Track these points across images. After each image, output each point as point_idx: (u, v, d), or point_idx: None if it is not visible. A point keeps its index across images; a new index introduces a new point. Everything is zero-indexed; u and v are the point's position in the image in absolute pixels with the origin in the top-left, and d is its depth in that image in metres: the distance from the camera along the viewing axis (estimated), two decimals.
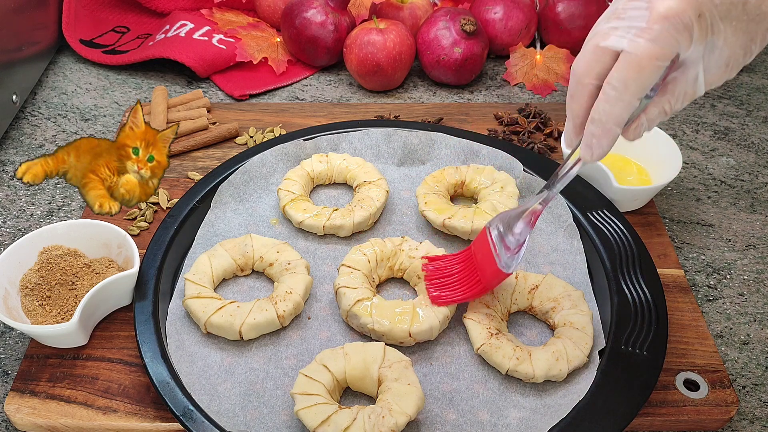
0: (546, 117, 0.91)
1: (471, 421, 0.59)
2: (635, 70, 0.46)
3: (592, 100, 0.50)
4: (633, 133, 0.51)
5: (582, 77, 0.50)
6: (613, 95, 0.48)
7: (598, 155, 0.51)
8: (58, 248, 0.67)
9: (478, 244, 0.64)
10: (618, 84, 0.47)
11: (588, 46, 0.49)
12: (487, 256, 0.62)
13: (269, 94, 1.00)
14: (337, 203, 0.79)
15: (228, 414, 0.59)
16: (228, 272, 0.69)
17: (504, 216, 0.62)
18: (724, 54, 0.47)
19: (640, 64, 0.46)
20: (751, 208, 0.82)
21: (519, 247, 0.61)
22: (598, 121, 0.49)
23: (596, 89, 0.50)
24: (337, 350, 0.60)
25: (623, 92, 0.47)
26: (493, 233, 0.62)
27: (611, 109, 0.48)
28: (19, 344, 0.67)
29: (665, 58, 0.46)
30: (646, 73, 0.46)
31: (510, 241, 0.61)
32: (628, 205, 0.77)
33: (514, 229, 0.61)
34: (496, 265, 0.61)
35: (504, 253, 0.61)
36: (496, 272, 0.61)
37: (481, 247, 0.63)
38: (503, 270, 0.61)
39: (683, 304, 0.69)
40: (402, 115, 0.92)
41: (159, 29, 1.06)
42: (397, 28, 0.96)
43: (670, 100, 0.49)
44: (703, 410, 0.60)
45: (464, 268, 0.65)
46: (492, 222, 0.63)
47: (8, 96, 0.89)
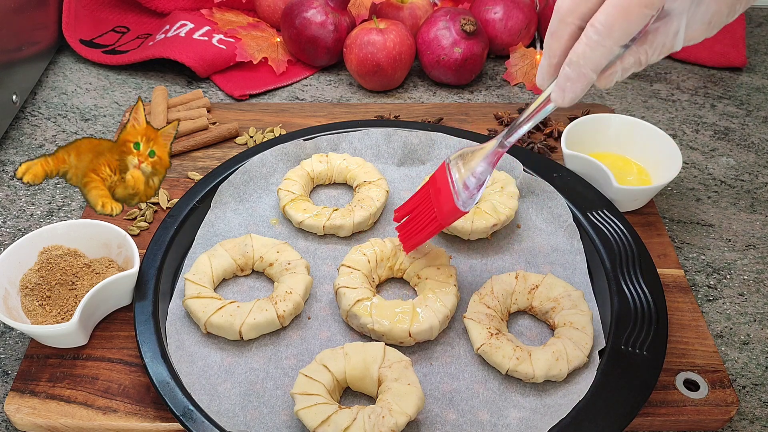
0: (546, 117, 0.91)
1: (471, 421, 0.59)
2: (622, 16, 0.45)
3: (572, 40, 0.49)
4: (605, 81, 0.50)
5: (565, 15, 0.48)
6: (595, 39, 0.46)
7: (570, 99, 0.50)
8: (58, 248, 0.67)
9: (436, 179, 0.63)
10: (602, 28, 0.46)
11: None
12: (446, 192, 0.61)
13: (269, 94, 1.00)
14: (337, 203, 0.79)
15: (228, 414, 0.59)
16: (228, 272, 0.69)
17: (464, 154, 0.61)
18: (710, 9, 0.46)
19: (628, 9, 0.45)
20: (751, 208, 0.82)
21: (479, 187, 0.60)
22: (575, 64, 0.48)
23: (578, 29, 0.48)
24: (337, 350, 0.60)
25: (606, 37, 0.46)
26: (452, 169, 0.61)
27: (591, 54, 0.47)
28: (19, 344, 0.67)
29: (653, 6, 0.45)
30: (632, 20, 0.45)
31: (470, 181, 0.60)
32: (628, 205, 0.77)
33: (475, 169, 0.60)
34: (453, 202, 0.60)
35: (463, 191, 0.60)
36: (453, 210, 0.61)
37: (439, 182, 0.62)
38: (461, 209, 0.60)
39: (683, 304, 0.69)
40: (402, 115, 0.92)
41: (159, 29, 1.06)
42: (397, 28, 0.96)
43: (647, 50, 0.49)
44: (703, 410, 0.60)
45: (422, 206, 0.64)
46: (452, 158, 0.62)
47: (8, 96, 0.89)
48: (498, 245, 0.74)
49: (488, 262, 0.72)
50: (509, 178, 0.76)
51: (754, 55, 1.09)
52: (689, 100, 0.99)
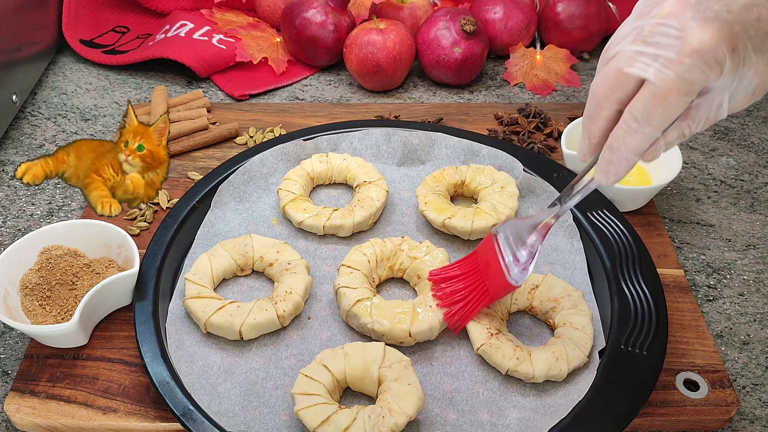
0: (546, 117, 0.91)
1: (471, 421, 0.59)
2: (660, 104, 0.44)
3: (610, 123, 0.48)
4: (650, 155, 0.49)
5: (601, 101, 0.48)
6: (634, 126, 0.46)
7: (613, 180, 0.50)
8: (58, 248, 0.67)
9: (485, 251, 0.62)
10: (640, 116, 0.45)
11: (610, 68, 0.46)
12: (495, 267, 0.60)
13: (269, 94, 1.00)
14: (337, 203, 0.79)
15: (228, 414, 0.59)
16: (228, 272, 0.69)
17: (513, 225, 0.60)
18: (753, 83, 0.45)
19: (666, 97, 0.43)
20: (751, 208, 0.82)
21: (530, 259, 0.59)
22: (616, 150, 0.48)
23: (616, 113, 0.48)
24: (337, 350, 0.60)
25: (645, 124, 0.45)
26: (500, 241, 0.60)
27: (631, 140, 0.46)
28: (19, 344, 0.67)
29: (692, 93, 0.44)
30: (671, 107, 0.44)
31: (521, 254, 0.59)
32: (628, 205, 0.77)
33: (526, 241, 0.59)
34: (504, 277, 0.59)
35: (513, 265, 0.59)
36: (504, 285, 0.60)
37: (488, 255, 0.61)
38: (513, 284, 0.59)
39: (683, 304, 0.69)
40: (402, 115, 0.92)
41: (159, 29, 1.06)
42: (397, 28, 0.96)
43: (690, 124, 0.47)
44: (703, 410, 0.60)
45: (471, 279, 0.63)
46: (499, 229, 0.61)
47: (8, 96, 0.89)
48: None
49: None
50: (509, 178, 0.76)
51: None
52: None
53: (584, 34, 1.02)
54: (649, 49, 0.44)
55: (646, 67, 0.44)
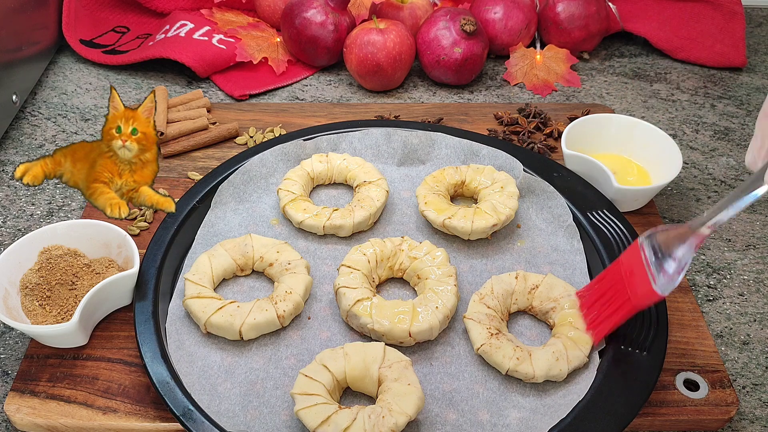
0: (546, 117, 0.91)
1: (471, 421, 0.59)
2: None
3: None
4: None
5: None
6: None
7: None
8: (58, 248, 0.67)
9: (629, 259, 0.60)
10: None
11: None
12: (641, 274, 0.58)
13: (269, 94, 1.00)
14: (337, 203, 0.79)
15: (228, 414, 0.59)
16: (228, 272, 0.69)
17: (662, 233, 0.58)
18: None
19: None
20: (751, 208, 0.82)
21: (679, 271, 0.56)
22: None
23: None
24: (337, 350, 0.60)
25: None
26: (646, 250, 0.58)
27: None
28: (19, 344, 0.67)
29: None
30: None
31: (669, 264, 0.56)
32: (628, 205, 0.77)
33: (675, 253, 0.56)
34: (650, 285, 0.56)
35: (660, 275, 0.56)
36: (650, 293, 0.57)
37: (632, 262, 0.59)
38: (659, 292, 0.56)
39: (683, 304, 0.69)
40: (402, 115, 0.92)
41: (159, 29, 1.06)
42: (397, 28, 0.96)
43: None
44: (703, 410, 0.60)
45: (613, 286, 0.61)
46: (645, 238, 0.59)
47: (8, 96, 0.89)
48: (498, 245, 0.73)
49: (488, 262, 0.72)
50: (509, 178, 0.76)
51: (754, 55, 1.09)
52: (689, 100, 0.99)
53: (584, 34, 1.02)
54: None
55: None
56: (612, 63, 1.07)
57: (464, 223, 0.71)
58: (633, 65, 1.07)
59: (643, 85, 1.02)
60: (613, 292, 0.61)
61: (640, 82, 1.03)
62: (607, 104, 0.98)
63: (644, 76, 1.04)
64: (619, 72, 1.05)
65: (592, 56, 1.07)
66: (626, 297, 0.59)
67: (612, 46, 1.10)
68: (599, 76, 1.04)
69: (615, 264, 0.62)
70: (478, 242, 0.74)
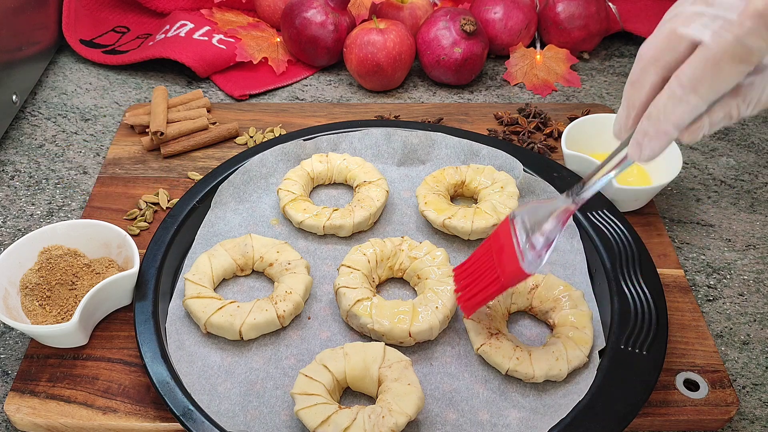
0: (546, 117, 0.91)
1: (471, 421, 0.59)
2: (711, 70, 0.40)
3: (654, 91, 0.44)
4: (690, 136, 0.45)
5: (648, 64, 0.43)
6: (679, 94, 0.42)
7: (647, 156, 0.46)
8: (58, 248, 0.67)
9: (499, 236, 0.58)
10: (687, 82, 0.41)
11: (663, 28, 0.43)
12: (510, 251, 0.56)
13: (269, 94, 1.00)
14: (337, 203, 0.79)
15: (228, 414, 0.59)
16: (228, 272, 0.69)
17: (531, 210, 0.57)
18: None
19: (719, 63, 0.39)
20: (751, 208, 0.82)
21: (546, 247, 0.55)
22: (655, 119, 0.44)
23: (662, 80, 0.43)
24: (337, 350, 0.60)
25: (691, 93, 0.41)
26: (517, 226, 0.56)
27: (673, 109, 0.42)
28: (19, 344, 0.67)
29: (749, 63, 0.39)
30: (723, 76, 0.40)
31: (537, 239, 0.55)
32: (628, 205, 0.77)
33: (543, 227, 0.55)
34: (518, 263, 0.55)
35: (528, 251, 0.55)
36: (517, 271, 0.56)
37: (502, 240, 0.58)
38: (525, 270, 0.55)
39: (683, 304, 0.69)
40: (402, 115, 0.92)
41: (159, 29, 1.06)
42: (397, 28, 0.96)
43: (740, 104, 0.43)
44: (703, 410, 0.60)
45: (483, 265, 0.60)
46: (516, 213, 0.57)
47: (8, 96, 0.89)
48: None
49: None
50: (509, 178, 0.76)
51: None
52: None
53: (584, 34, 1.02)
54: (709, 9, 0.40)
55: (703, 29, 0.40)
56: (612, 63, 1.07)
57: (464, 223, 0.71)
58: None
59: None
60: (485, 269, 0.59)
61: None
62: (607, 104, 0.98)
63: None
64: (619, 72, 1.05)
65: (592, 56, 1.07)
66: (496, 275, 0.58)
67: (612, 46, 1.10)
68: (599, 76, 1.04)
69: (488, 239, 0.60)
70: (478, 242, 0.74)
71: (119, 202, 0.80)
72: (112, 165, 0.84)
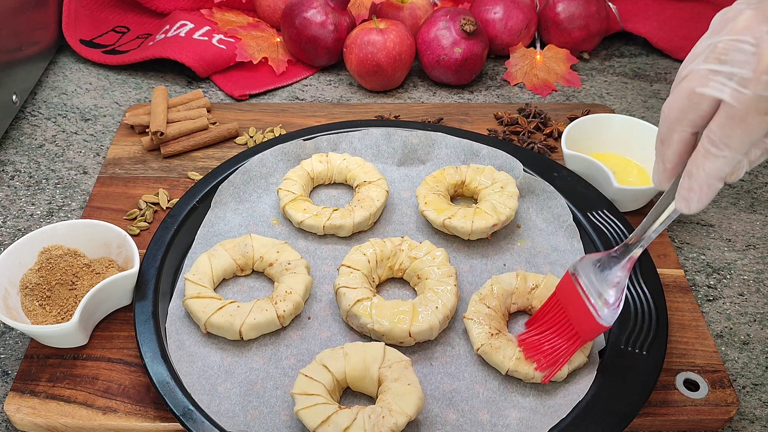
0: (546, 117, 0.91)
1: (471, 421, 0.59)
2: (739, 126, 0.41)
3: (685, 146, 0.46)
4: (732, 177, 0.46)
5: (674, 124, 0.45)
6: (713, 151, 0.43)
7: (696, 208, 0.46)
8: (58, 248, 0.67)
9: (566, 293, 0.59)
10: (718, 139, 0.42)
11: (682, 89, 0.44)
12: (582, 309, 0.57)
13: (269, 94, 1.00)
14: (337, 203, 0.79)
15: (228, 414, 0.59)
16: (228, 272, 0.69)
17: (592, 263, 0.57)
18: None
19: (745, 119, 0.41)
20: (751, 208, 0.82)
21: (619, 298, 0.56)
22: (696, 176, 0.45)
23: (691, 136, 0.45)
24: (337, 350, 0.60)
25: (724, 148, 0.42)
26: (582, 282, 0.57)
27: (710, 165, 0.43)
28: (19, 344, 0.67)
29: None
30: (752, 129, 0.41)
31: (609, 294, 0.56)
32: (628, 205, 0.77)
33: (611, 280, 0.56)
34: (594, 320, 0.56)
35: (601, 306, 0.56)
36: (596, 327, 0.57)
37: (570, 297, 0.59)
38: (604, 325, 0.56)
39: (683, 304, 0.69)
40: (402, 115, 0.92)
41: (159, 29, 1.06)
42: (397, 28, 0.96)
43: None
44: (703, 410, 0.60)
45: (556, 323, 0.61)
46: (578, 268, 0.58)
47: (8, 96, 0.89)
48: (498, 245, 0.73)
49: (488, 262, 0.72)
50: (509, 178, 0.76)
51: None
52: None
53: (584, 34, 1.02)
54: (724, 67, 0.41)
55: (722, 87, 0.41)
56: (612, 63, 1.07)
57: (464, 223, 0.71)
58: (633, 65, 1.07)
59: (643, 85, 1.02)
60: (557, 328, 0.60)
61: (640, 82, 1.03)
62: (607, 104, 0.98)
63: (644, 76, 1.04)
64: (619, 72, 1.05)
65: (592, 56, 1.07)
66: (573, 332, 0.59)
67: (612, 46, 1.10)
68: (599, 76, 1.04)
69: (552, 299, 0.62)
70: (478, 242, 0.74)
71: (119, 202, 0.80)
72: (112, 165, 0.84)
